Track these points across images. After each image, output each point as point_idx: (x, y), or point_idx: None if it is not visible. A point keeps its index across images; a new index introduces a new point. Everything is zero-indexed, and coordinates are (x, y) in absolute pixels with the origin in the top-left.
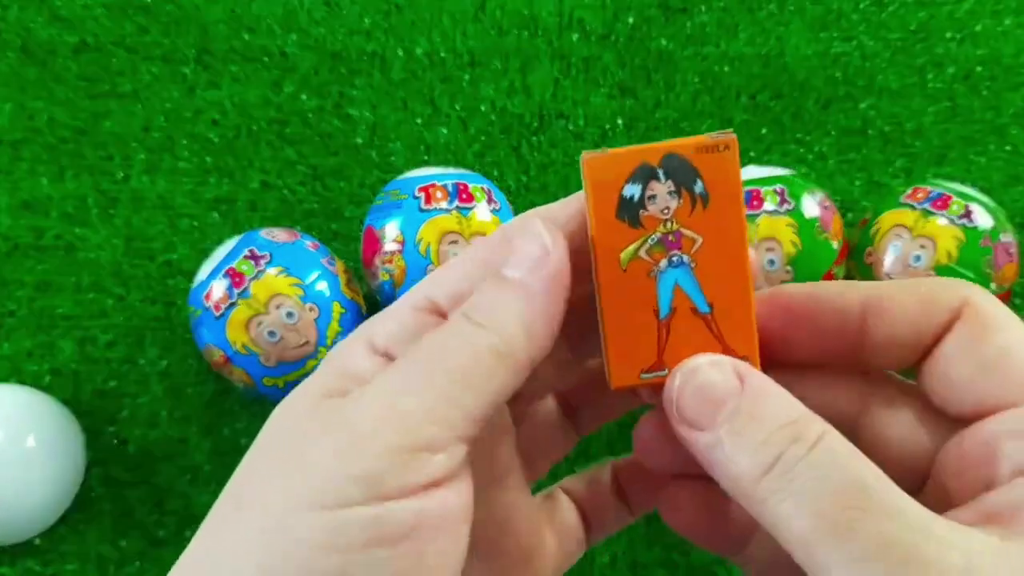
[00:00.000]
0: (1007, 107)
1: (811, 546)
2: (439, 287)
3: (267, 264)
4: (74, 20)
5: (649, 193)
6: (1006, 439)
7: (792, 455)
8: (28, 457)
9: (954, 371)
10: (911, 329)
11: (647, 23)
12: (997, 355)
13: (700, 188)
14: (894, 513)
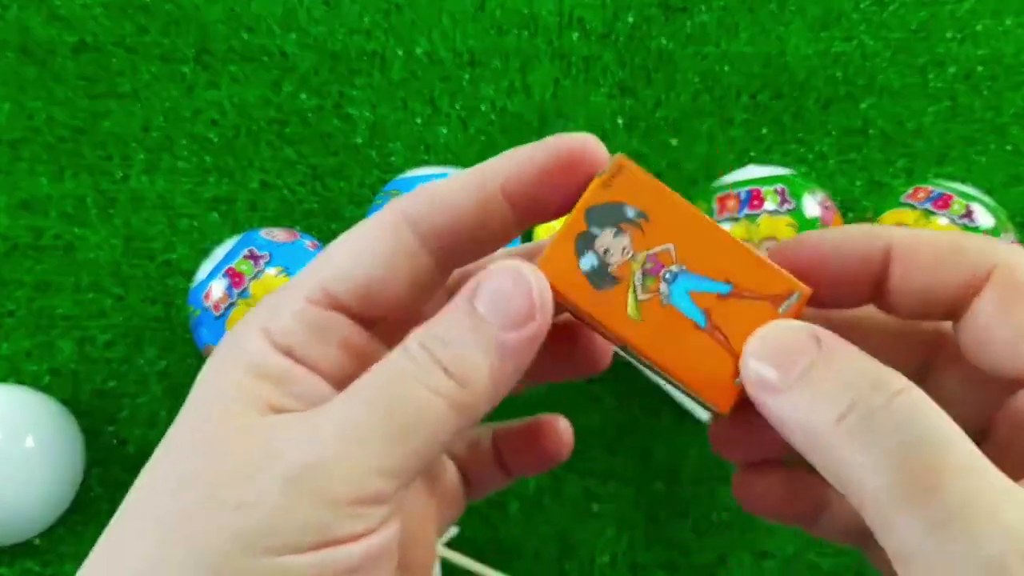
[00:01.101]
0: (1008, 107)
1: (886, 506)
2: (336, 275)
3: (266, 264)
4: (73, 20)
5: (601, 251)
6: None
7: (872, 402)
8: (27, 457)
9: (989, 335)
10: (934, 280)
11: (647, 22)
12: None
13: (632, 212)
14: (977, 472)
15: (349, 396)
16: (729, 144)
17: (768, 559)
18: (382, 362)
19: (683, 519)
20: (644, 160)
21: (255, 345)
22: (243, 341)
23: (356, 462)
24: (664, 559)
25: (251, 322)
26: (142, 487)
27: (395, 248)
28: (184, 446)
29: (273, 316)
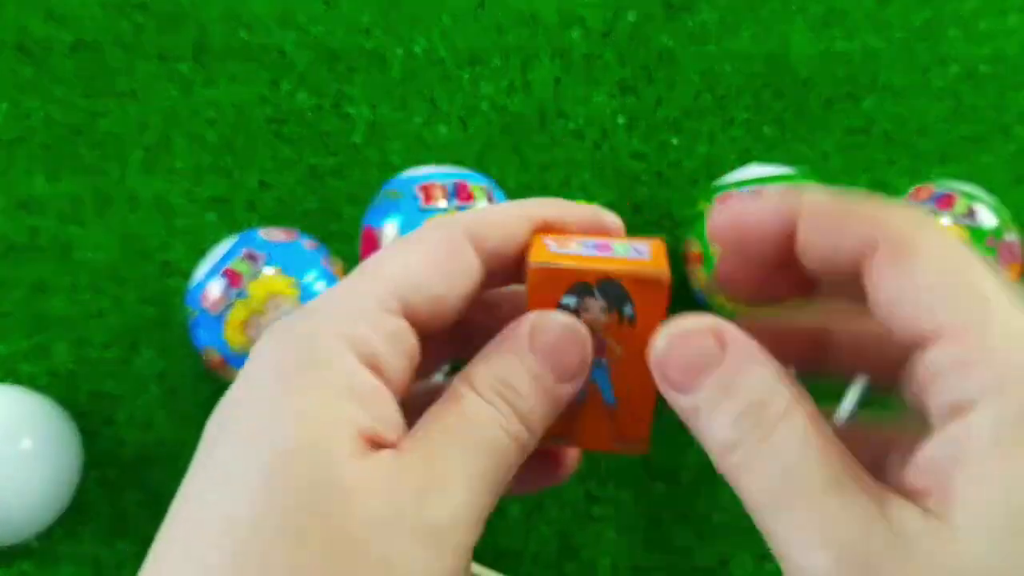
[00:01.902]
0: (1011, 106)
1: (765, 520)
2: (411, 285)
3: (264, 264)
4: (70, 18)
5: (583, 307)
6: (934, 378)
7: (753, 438)
8: (24, 459)
9: (880, 298)
10: (830, 244)
11: (648, 21)
12: (918, 285)
13: (629, 311)
14: (831, 499)
15: (450, 441)
16: (731, 143)
17: (769, 561)
18: (467, 405)
19: (684, 521)
20: (645, 160)
21: (345, 361)
22: (326, 353)
23: (475, 513)
24: (665, 562)
25: (324, 327)
26: (231, 531)
27: (462, 265)
28: (295, 491)
29: (351, 323)
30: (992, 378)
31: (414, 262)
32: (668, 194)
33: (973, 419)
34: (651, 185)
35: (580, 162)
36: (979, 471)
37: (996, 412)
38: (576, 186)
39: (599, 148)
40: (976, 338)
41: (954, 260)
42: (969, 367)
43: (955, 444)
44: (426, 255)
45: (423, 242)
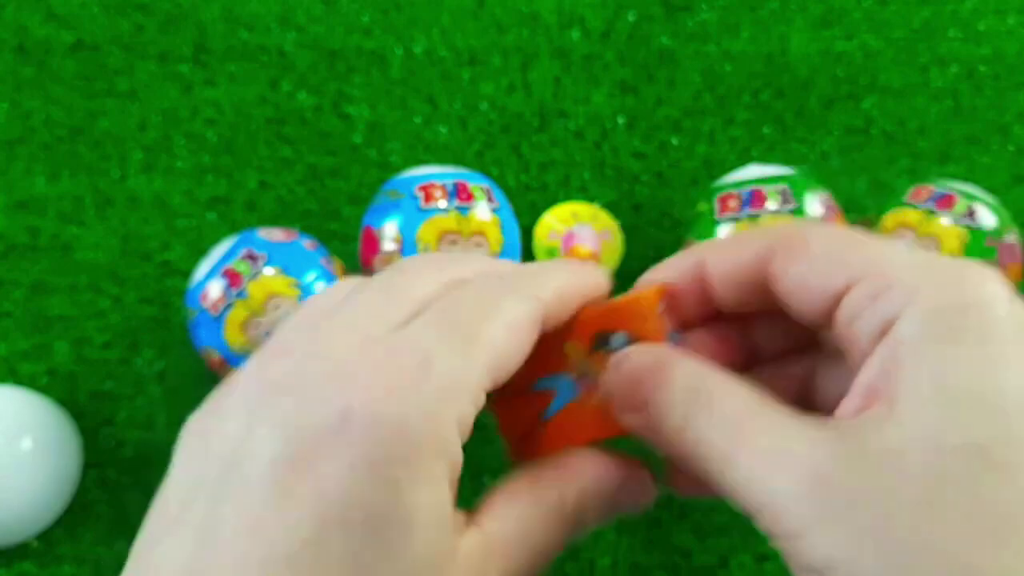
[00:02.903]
0: (1011, 106)
1: (725, 475)
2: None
3: (264, 264)
4: (70, 18)
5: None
6: (854, 320)
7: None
8: (24, 459)
9: (789, 287)
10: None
11: (648, 21)
12: (816, 261)
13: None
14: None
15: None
16: (730, 143)
17: (769, 561)
18: (545, 518)
19: (684, 521)
20: (645, 160)
21: (454, 445)
22: (445, 438)
23: None
24: (665, 561)
25: (444, 414)
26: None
27: (532, 343)
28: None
29: (460, 403)
30: (904, 293)
31: (509, 341)
32: (668, 194)
33: (899, 327)
34: (651, 185)
35: (580, 162)
36: (912, 365)
37: (917, 314)
38: (576, 186)
39: (599, 148)
40: (879, 273)
41: (839, 236)
42: (882, 294)
43: (887, 354)
44: (518, 334)
45: (516, 315)
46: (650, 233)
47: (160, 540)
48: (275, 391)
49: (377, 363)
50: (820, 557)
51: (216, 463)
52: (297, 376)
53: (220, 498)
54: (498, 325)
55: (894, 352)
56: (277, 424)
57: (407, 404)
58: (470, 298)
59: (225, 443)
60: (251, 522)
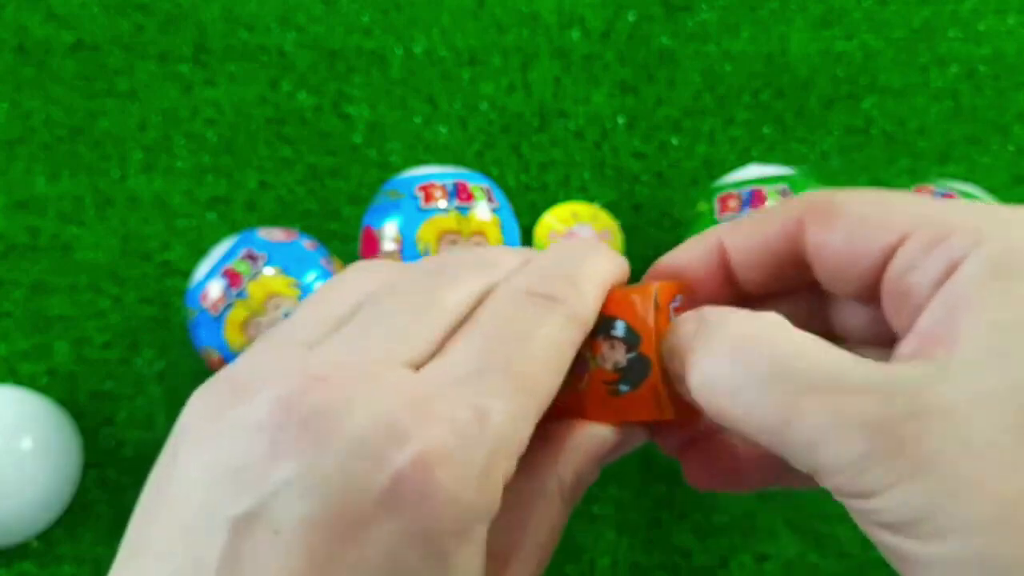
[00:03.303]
0: (1011, 106)
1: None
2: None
3: (264, 264)
4: (70, 18)
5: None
6: (911, 269)
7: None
8: (24, 459)
9: (829, 250)
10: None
11: (648, 21)
12: (849, 234)
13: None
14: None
15: (533, 552)
16: (730, 143)
17: (769, 562)
18: (548, 509)
19: (684, 521)
20: (645, 160)
21: (498, 503)
22: (490, 499)
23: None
24: (665, 562)
25: (494, 475)
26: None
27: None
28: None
29: (511, 461)
30: (968, 238)
31: (554, 380)
32: (668, 194)
33: (964, 269)
34: (651, 185)
35: (580, 162)
36: (976, 307)
37: (983, 255)
38: (576, 186)
39: (599, 148)
40: (937, 222)
41: (873, 196)
42: (943, 240)
43: (951, 295)
44: (561, 370)
45: (562, 351)
46: (650, 233)
47: (160, 572)
48: (309, 432)
49: (429, 418)
50: (906, 513)
51: (230, 493)
52: (339, 420)
53: (242, 546)
54: (547, 363)
55: (958, 293)
56: (316, 480)
57: (461, 470)
58: (516, 324)
59: (243, 474)
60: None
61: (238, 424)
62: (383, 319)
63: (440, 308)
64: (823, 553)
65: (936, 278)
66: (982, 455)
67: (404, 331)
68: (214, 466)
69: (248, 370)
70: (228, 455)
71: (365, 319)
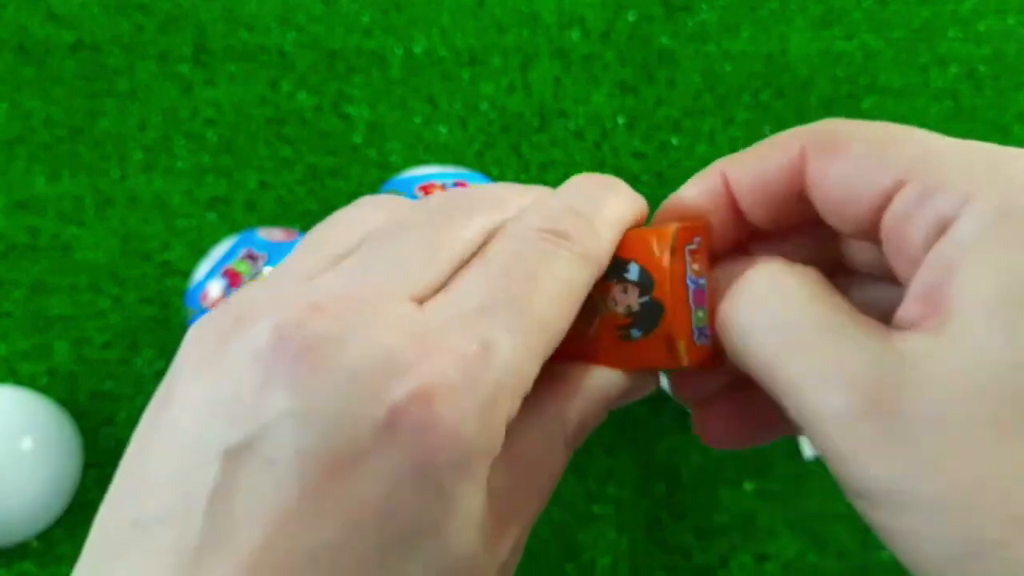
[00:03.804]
0: (1010, 106)
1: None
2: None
3: (264, 264)
4: (70, 18)
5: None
6: (907, 220)
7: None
8: (24, 459)
9: (828, 185)
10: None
11: (648, 21)
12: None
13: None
14: (835, 341)
15: (532, 494)
16: (730, 143)
17: (769, 561)
18: (550, 451)
19: (684, 521)
20: (645, 160)
21: (500, 441)
22: (494, 438)
23: None
24: (665, 561)
25: (502, 407)
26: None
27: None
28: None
29: (515, 399)
30: (962, 192)
31: (563, 318)
32: (668, 194)
33: (956, 227)
34: (651, 185)
35: (580, 162)
36: (970, 270)
37: (976, 215)
38: None
39: (599, 148)
40: (929, 170)
41: (881, 130)
42: (937, 192)
43: (943, 257)
44: (571, 310)
45: (572, 289)
46: None
47: (149, 506)
48: (305, 363)
49: (431, 349)
50: (875, 483)
51: (223, 424)
52: (336, 351)
53: (235, 479)
54: (556, 302)
55: (949, 257)
56: (311, 411)
57: (463, 404)
58: (526, 261)
59: (237, 405)
60: (273, 519)
61: (233, 354)
62: (387, 253)
63: (447, 244)
64: (822, 553)
65: (928, 234)
66: (953, 436)
67: (408, 265)
68: (208, 396)
69: (246, 302)
70: (223, 385)
71: (369, 253)
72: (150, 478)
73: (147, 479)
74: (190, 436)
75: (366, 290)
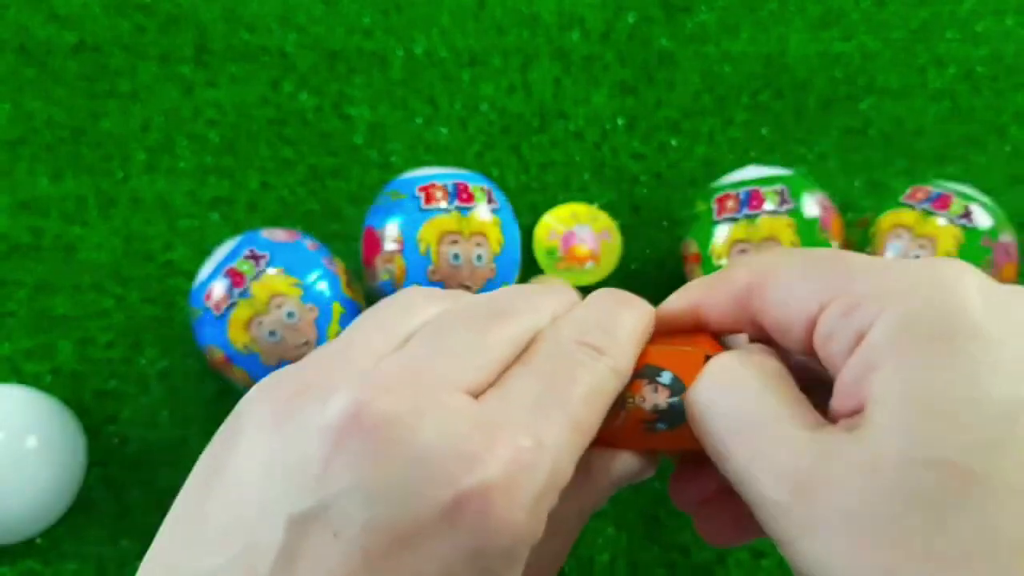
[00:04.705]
0: (1008, 107)
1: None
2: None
3: (267, 264)
4: (72, 19)
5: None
6: (831, 336)
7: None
8: (28, 457)
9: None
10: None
11: (648, 22)
12: (779, 304)
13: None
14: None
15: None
16: (729, 144)
17: (766, 558)
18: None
19: (682, 518)
20: (644, 161)
21: (542, 531)
22: (541, 522)
23: None
24: (663, 558)
25: (548, 502)
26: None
27: None
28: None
29: (558, 494)
30: (875, 304)
31: (595, 424)
32: (667, 194)
33: (870, 336)
34: (650, 185)
35: (580, 163)
36: (884, 372)
37: (890, 320)
38: (576, 187)
39: (599, 148)
40: (849, 290)
41: (810, 259)
42: (853, 310)
43: (859, 362)
44: (601, 415)
45: (604, 396)
46: (649, 233)
47: (205, 561)
48: (377, 440)
49: (494, 443)
50: (813, 566)
51: (290, 489)
52: (407, 431)
53: (300, 545)
54: (593, 405)
55: (866, 360)
56: (380, 487)
57: (520, 498)
58: (569, 368)
59: (305, 472)
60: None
61: (303, 420)
62: (445, 344)
63: (496, 343)
64: None
65: (849, 345)
66: (862, 529)
67: (465, 358)
68: (276, 461)
69: (316, 371)
70: (291, 450)
71: (428, 341)
72: (209, 532)
73: (205, 532)
74: (256, 497)
75: (429, 377)
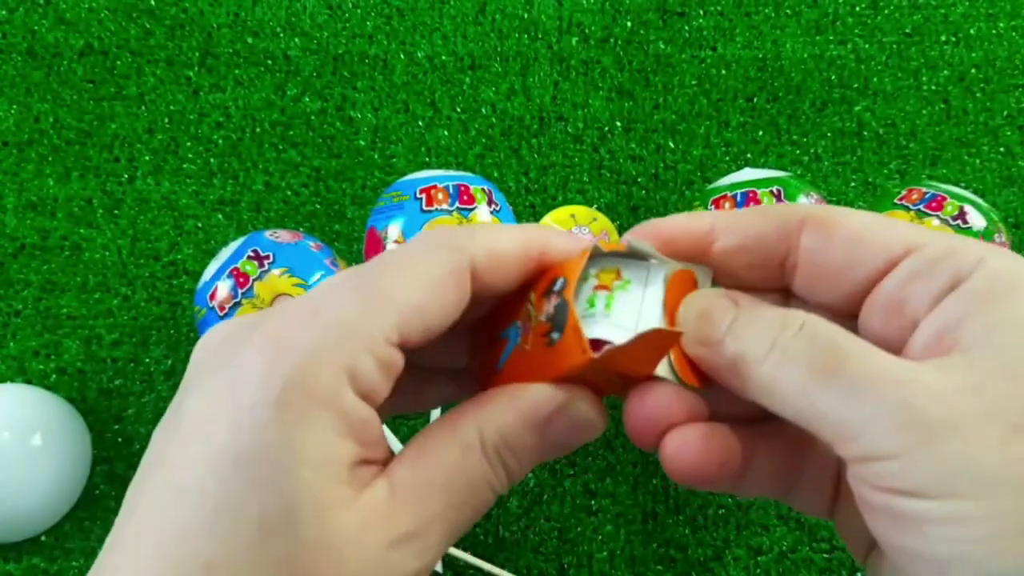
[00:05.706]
0: (1000, 109)
1: (808, 395)
2: (412, 318)
3: (271, 264)
4: (79, 23)
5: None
6: (914, 279)
7: (785, 336)
8: (34, 455)
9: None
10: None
11: (645, 27)
12: (852, 240)
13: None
14: (871, 354)
15: (444, 497)
16: (725, 147)
17: (763, 555)
18: (470, 463)
19: (680, 515)
20: (642, 163)
21: (344, 398)
22: (326, 387)
23: (438, 557)
24: (661, 554)
25: (328, 356)
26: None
27: (461, 297)
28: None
29: (352, 356)
30: (972, 257)
31: (420, 292)
32: (664, 196)
33: (971, 281)
34: (648, 187)
35: (578, 165)
36: (988, 312)
37: (988, 272)
38: (574, 188)
39: (597, 151)
40: (942, 241)
41: (872, 215)
42: (949, 256)
43: (956, 304)
44: (432, 286)
45: (430, 267)
46: None
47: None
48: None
49: (278, 315)
50: (911, 484)
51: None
52: (243, 333)
53: (170, 429)
54: (407, 278)
55: (966, 302)
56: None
57: (290, 352)
58: (389, 256)
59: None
60: (167, 456)
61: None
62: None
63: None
64: (816, 547)
65: (940, 289)
66: (989, 438)
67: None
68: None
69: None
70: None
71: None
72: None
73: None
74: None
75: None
